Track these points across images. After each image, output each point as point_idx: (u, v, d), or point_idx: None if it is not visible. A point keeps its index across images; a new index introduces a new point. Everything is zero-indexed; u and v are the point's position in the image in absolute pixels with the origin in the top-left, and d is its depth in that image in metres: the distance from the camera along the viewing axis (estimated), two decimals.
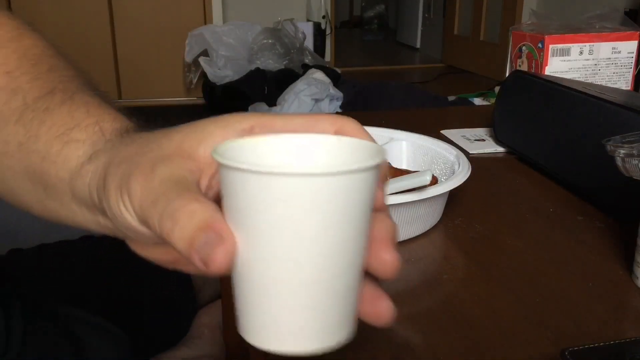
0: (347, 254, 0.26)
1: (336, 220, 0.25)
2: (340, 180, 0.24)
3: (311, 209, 0.24)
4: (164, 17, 3.38)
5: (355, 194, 0.25)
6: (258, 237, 0.25)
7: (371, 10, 6.32)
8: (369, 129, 0.71)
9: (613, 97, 0.62)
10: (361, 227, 0.26)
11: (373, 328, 0.40)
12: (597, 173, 0.60)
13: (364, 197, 0.25)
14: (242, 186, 0.24)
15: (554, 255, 0.51)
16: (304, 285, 0.25)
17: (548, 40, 0.91)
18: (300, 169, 0.24)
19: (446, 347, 0.38)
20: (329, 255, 0.25)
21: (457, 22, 4.18)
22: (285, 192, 0.24)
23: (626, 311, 0.44)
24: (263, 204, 0.24)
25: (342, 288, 0.26)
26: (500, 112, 0.78)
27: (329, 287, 0.25)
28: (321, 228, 0.24)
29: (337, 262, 0.25)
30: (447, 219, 0.57)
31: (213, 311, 1.06)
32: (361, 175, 0.25)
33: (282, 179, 0.24)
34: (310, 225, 0.24)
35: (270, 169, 0.24)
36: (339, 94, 2.26)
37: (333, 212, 0.24)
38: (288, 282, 0.25)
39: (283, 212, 0.24)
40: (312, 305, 0.26)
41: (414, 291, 0.46)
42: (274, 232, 0.24)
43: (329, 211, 0.24)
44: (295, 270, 0.25)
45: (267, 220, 0.24)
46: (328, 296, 0.26)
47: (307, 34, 3.29)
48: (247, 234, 0.25)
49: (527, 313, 0.42)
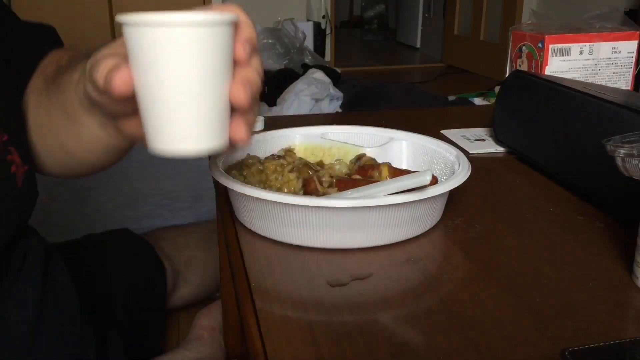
0: (209, 84, 0.38)
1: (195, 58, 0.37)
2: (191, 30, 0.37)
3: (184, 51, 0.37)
4: None
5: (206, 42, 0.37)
6: (144, 70, 0.38)
7: (371, 10, 6.32)
8: (369, 128, 0.71)
9: (613, 97, 0.62)
10: (218, 68, 0.38)
11: (373, 328, 0.40)
12: (597, 173, 0.60)
13: (216, 45, 0.38)
14: (128, 37, 0.38)
15: (554, 255, 0.51)
16: (181, 103, 0.38)
17: (548, 40, 0.91)
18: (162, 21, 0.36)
19: (446, 347, 0.38)
20: (195, 83, 0.38)
21: (457, 22, 4.18)
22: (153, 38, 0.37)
23: (626, 311, 0.44)
24: (142, 47, 0.37)
25: (209, 108, 0.39)
26: (500, 112, 0.78)
27: (200, 106, 0.38)
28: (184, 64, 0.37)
29: (204, 88, 0.38)
30: (447, 219, 0.57)
31: (212, 313, 1.06)
32: (211, 29, 0.37)
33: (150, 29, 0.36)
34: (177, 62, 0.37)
35: (142, 21, 0.36)
36: (339, 94, 2.26)
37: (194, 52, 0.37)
38: (169, 101, 0.38)
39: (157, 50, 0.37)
40: (189, 117, 0.38)
41: (414, 291, 0.46)
42: (154, 67, 0.37)
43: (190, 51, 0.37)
44: (172, 93, 0.38)
45: (147, 57, 0.37)
46: (199, 113, 0.39)
47: (307, 33, 3.29)
48: (138, 70, 0.38)
49: (527, 313, 0.42)
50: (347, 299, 0.44)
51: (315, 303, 0.44)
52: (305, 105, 2.14)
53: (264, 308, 0.43)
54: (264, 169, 0.60)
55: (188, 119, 0.39)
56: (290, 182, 0.58)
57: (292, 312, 0.43)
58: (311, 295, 0.45)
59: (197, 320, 1.05)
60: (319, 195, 0.55)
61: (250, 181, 0.58)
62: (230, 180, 0.53)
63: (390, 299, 0.44)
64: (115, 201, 1.66)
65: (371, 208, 0.49)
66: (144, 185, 1.77)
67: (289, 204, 0.49)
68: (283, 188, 0.58)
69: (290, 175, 0.59)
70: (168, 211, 1.61)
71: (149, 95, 0.38)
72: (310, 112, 2.13)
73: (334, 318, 0.42)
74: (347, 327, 0.41)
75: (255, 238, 0.54)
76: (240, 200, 0.54)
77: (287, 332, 0.40)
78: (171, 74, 0.37)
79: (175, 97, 0.38)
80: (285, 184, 0.58)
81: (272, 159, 0.63)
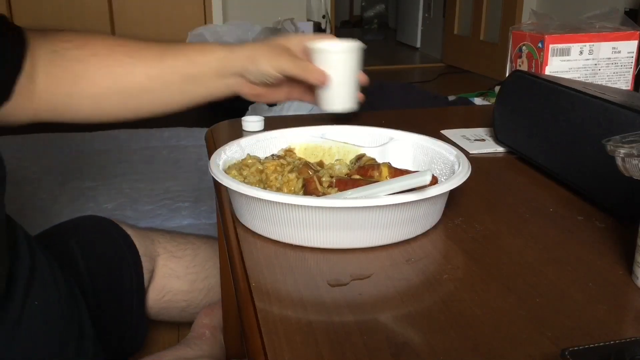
0: (355, 74, 0.80)
1: (353, 65, 0.79)
2: (353, 52, 0.78)
3: (345, 61, 0.78)
4: (164, 17, 3.38)
5: (356, 56, 0.79)
6: (329, 69, 0.77)
7: (371, 10, 6.31)
8: (369, 128, 0.72)
9: (613, 97, 0.62)
10: (357, 67, 0.80)
11: (373, 328, 0.40)
12: (597, 173, 0.60)
13: (357, 59, 0.79)
14: (320, 54, 0.77)
15: (554, 255, 0.51)
16: (344, 84, 0.79)
17: (548, 40, 0.91)
18: (339, 48, 0.78)
19: (446, 347, 0.38)
20: (352, 74, 0.79)
21: (457, 22, 4.18)
22: (335, 57, 0.77)
23: (626, 311, 0.44)
24: (328, 59, 0.77)
25: (355, 87, 0.80)
26: (500, 112, 0.78)
27: (352, 86, 0.79)
28: (347, 66, 0.78)
29: (354, 77, 0.80)
30: (447, 219, 0.57)
31: (214, 312, 1.06)
32: (358, 51, 0.79)
33: (333, 52, 0.77)
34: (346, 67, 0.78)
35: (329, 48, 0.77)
36: None
37: (353, 61, 0.79)
38: (340, 83, 0.78)
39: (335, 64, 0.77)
40: (347, 92, 0.80)
41: (414, 291, 0.46)
42: (336, 67, 0.77)
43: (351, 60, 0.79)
44: (342, 79, 0.78)
45: (332, 63, 0.77)
46: (351, 89, 0.80)
47: (307, 33, 3.29)
48: (325, 68, 0.77)
49: (527, 313, 0.42)
50: (347, 299, 0.44)
51: (315, 303, 0.44)
52: (305, 105, 2.14)
53: (264, 308, 0.43)
54: (264, 169, 0.60)
55: (347, 93, 0.79)
56: (290, 182, 0.58)
57: (292, 312, 0.43)
58: (311, 295, 0.45)
59: (199, 319, 1.05)
60: (319, 195, 0.55)
61: (250, 181, 0.58)
62: (230, 180, 0.53)
63: (390, 299, 0.44)
64: (116, 201, 1.66)
65: (371, 208, 0.49)
66: (144, 185, 1.77)
67: (289, 204, 0.49)
68: (283, 188, 0.58)
69: (290, 175, 0.59)
70: (168, 211, 1.61)
71: (332, 80, 0.77)
72: (310, 112, 2.13)
73: (334, 318, 0.42)
74: (347, 327, 0.41)
75: (255, 238, 0.54)
76: (240, 200, 0.54)
77: (287, 332, 0.40)
78: (341, 71, 0.77)
79: (342, 81, 0.78)
80: (285, 184, 0.58)
81: (272, 159, 0.63)
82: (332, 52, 0.77)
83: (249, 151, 0.65)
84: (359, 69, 0.79)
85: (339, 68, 0.77)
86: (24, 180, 1.77)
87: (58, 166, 1.92)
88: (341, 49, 0.77)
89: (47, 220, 1.44)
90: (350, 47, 0.78)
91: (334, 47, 0.77)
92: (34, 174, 1.83)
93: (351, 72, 0.78)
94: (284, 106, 2.15)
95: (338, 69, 0.77)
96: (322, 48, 0.76)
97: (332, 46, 0.77)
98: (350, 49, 0.77)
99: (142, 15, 3.34)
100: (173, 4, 3.37)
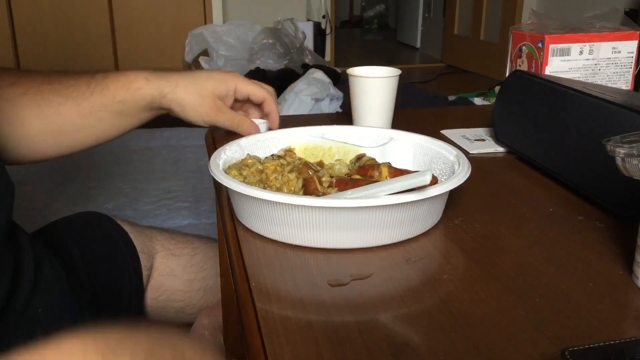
0: (391, 102, 0.83)
1: (388, 93, 0.82)
2: (390, 79, 0.81)
3: (381, 88, 0.81)
4: (164, 17, 3.38)
5: (393, 84, 0.82)
6: (362, 98, 0.82)
7: (371, 10, 6.32)
8: (369, 128, 0.73)
9: (613, 97, 0.62)
10: (393, 95, 0.83)
11: (373, 328, 0.40)
12: (597, 173, 0.60)
13: (395, 85, 0.82)
14: (355, 83, 0.82)
15: (554, 255, 0.51)
16: (380, 108, 0.82)
17: (548, 40, 0.91)
18: (375, 76, 0.81)
19: (446, 347, 0.38)
20: (388, 100, 0.82)
21: (457, 22, 4.18)
22: (369, 85, 0.81)
23: (626, 311, 0.44)
24: (362, 89, 0.81)
25: (389, 111, 0.83)
26: (500, 112, 0.78)
27: (387, 110, 0.83)
28: (381, 96, 0.81)
29: (390, 105, 0.83)
30: (447, 219, 0.57)
31: (214, 313, 1.06)
32: (394, 78, 0.81)
33: (368, 80, 0.81)
34: (379, 96, 0.81)
35: (366, 74, 0.82)
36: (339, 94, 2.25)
37: (389, 88, 0.81)
38: (377, 106, 0.82)
39: (369, 90, 0.81)
40: (382, 116, 0.83)
41: (414, 291, 0.46)
42: (365, 97, 0.81)
43: (388, 87, 0.81)
44: (377, 104, 0.82)
45: (365, 94, 0.81)
46: (387, 113, 0.83)
47: (307, 33, 3.29)
48: (359, 98, 0.82)
49: (527, 313, 0.42)
50: (347, 299, 0.44)
51: (315, 303, 0.44)
52: (305, 105, 2.14)
53: (264, 308, 0.43)
54: (264, 169, 0.60)
55: (383, 118, 0.83)
56: (290, 182, 0.58)
57: (292, 312, 0.43)
58: (311, 295, 0.45)
59: (199, 319, 1.05)
60: (319, 195, 0.55)
61: (250, 181, 0.58)
62: (230, 180, 0.53)
63: (390, 299, 0.44)
64: (116, 201, 1.66)
65: (371, 208, 0.49)
66: (144, 185, 1.77)
67: (289, 204, 0.49)
68: (283, 188, 0.58)
69: (290, 175, 0.59)
70: (168, 211, 1.61)
71: (362, 104, 0.82)
72: (310, 112, 2.13)
73: (334, 318, 0.42)
74: (347, 327, 0.41)
75: (255, 238, 0.54)
76: (240, 200, 0.54)
77: (287, 332, 0.40)
78: (378, 98, 0.81)
79: (378, 107, 0.82)
80: (285, 184, 0.58)
81: (272, 159, 0.63)
82: (370, 79, 0.80)
83: (249, 151, 0.65)
84: (394, 94, 0.82)
85: (376, 95, 0.81)
86: (23, 180, 1.77)
87: (58, 166, 1.91)
88: (379, 76, 0.81)
89: (46, 220, 1.43)
90: (388, 74, 0.82)
91: (371, 74, 0.81)
92: (34, 173, 1.83)
93: (387, 98, 0.81)
94: (284, 106, 2.15)
95: (375, 95, 0.81)
96: (360, 75, 0.81)
97: (369, 73, 0.82)
98: (388, 76, 0.81)
99: (142, 15, 3.34)
100: (173, 4, 3.37)
